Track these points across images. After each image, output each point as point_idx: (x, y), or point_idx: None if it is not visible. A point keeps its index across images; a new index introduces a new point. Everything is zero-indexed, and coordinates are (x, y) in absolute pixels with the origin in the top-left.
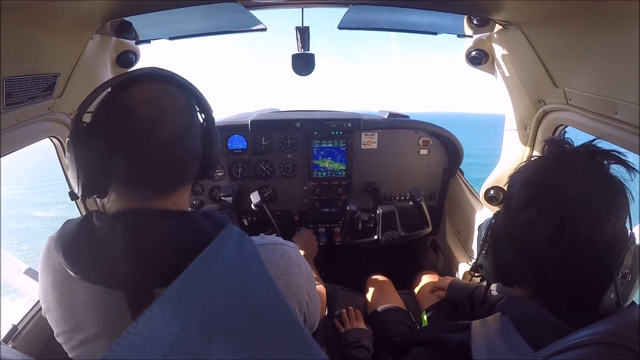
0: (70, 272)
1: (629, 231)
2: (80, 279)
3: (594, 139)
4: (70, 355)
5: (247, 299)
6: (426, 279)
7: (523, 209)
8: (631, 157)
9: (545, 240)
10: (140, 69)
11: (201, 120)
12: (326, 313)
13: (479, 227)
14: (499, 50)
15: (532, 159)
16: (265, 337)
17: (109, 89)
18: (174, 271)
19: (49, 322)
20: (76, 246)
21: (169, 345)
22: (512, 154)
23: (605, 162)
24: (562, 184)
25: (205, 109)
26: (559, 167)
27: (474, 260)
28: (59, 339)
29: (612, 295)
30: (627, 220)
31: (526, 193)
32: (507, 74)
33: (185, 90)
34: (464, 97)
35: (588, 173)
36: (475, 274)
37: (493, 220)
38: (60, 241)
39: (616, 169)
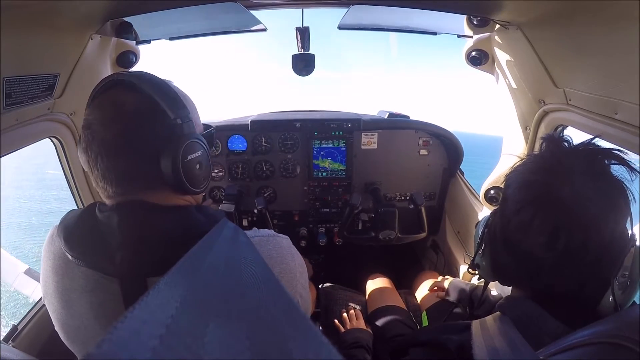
0: (69, 256)
1: (629, 232)
2: (78, 263)
3: (594, 137)
4: (65, 342)
5: (242, 285)
6: (426, 279)
7: (518, 212)
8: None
9: (538, 246)
10: (109, 76)
11: (169, 128)
12: (313, 310)
13: (476, 224)
14: (499, 51)
15: (528, 156)
16: (263, 318)
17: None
18: (167, 262)
19: (47, 308)
20: (76, 231)
21: (166, 327)
22: (513, 154)
23: (606, 161)
24: (558, 187)
25: (173, 118)
26: (556, 168)
27: (470, 258)
28: (56, 326)
29: (610, 299)
30: (628, 221)
31: (522, 195)
32: (507, 74)
33: (146, 97)
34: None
35: (587, 175)
36: (474, 272)
37: (490, 219)
38: (62, 227)
39: (616, 169)
